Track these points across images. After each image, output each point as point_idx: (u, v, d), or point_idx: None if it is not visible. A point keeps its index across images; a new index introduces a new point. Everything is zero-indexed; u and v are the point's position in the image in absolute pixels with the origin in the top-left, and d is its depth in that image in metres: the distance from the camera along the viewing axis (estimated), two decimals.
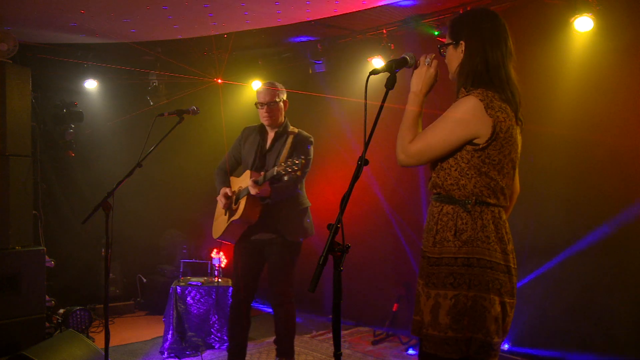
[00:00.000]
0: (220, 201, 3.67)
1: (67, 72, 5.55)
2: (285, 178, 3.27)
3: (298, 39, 5.49)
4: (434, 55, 2.12)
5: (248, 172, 3.58)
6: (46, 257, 4.58)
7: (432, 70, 2.09)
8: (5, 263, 4.27)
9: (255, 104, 3.63)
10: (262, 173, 3.45)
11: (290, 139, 3.55)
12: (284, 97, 3.66)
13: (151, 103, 5.89)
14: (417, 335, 2.04)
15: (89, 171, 5.83)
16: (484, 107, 1.91)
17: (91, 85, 5.77)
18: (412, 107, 2.08)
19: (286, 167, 3.18)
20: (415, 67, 2.11)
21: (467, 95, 1.96)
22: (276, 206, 3.51)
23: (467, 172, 1.95)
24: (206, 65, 5.83)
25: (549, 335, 4.03)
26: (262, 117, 3.61)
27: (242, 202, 3.50)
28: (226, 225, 3.59)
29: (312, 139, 3.64)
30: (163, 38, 5.18)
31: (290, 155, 3.47)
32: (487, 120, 1.91)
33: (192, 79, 5.63)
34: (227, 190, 3.66)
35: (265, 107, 3.55)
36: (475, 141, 1.93)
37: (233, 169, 3.84)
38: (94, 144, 5.92)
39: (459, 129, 1.93)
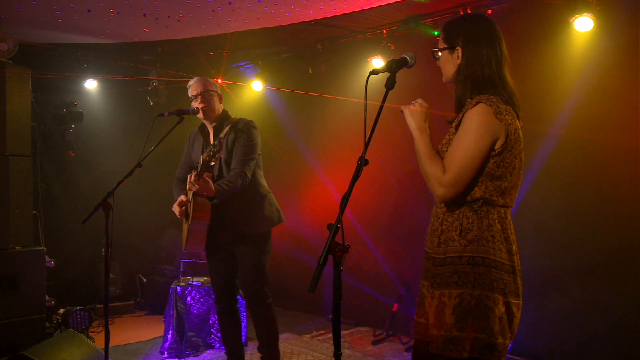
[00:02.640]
0: (175, 210, 3.46)
1: (67, 72, 5.56)
2: (212, 164, 3.18)
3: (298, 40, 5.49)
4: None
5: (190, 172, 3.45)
6: (46, 257, 4.58)
7: (424, 103, 2.09)
8: (5, 263, 4.28)
9: (189, 99, 3.51)
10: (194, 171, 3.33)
11: (227, 128, 3.43)
12: (218, 91, 3.56)
13: (151, 103, 5.90)
14: (422, 339, 2.03)
15: (89, 171, 5.82)
16: (494, 113, 1.91)
17: (91, 85, 5.77)
18: (422, 141, 2.04)
19: (209, 153, 3.07)
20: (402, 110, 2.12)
21: (475, 105, 1.95)
22: (229, 202, 3.36)
23: (478, 180, 1.94)
24: (206, 65, 5.83)
25: (549, 335, 4.03)
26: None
27: (191, 204, 3.36)
28: (187, 233, 3.42)
29: (253, 123, 3.50)
30: (163, 38, 5.18)
31: (231, 143, 3.33)
32: (500, 125, 1.91)
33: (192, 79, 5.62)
34: (182, 197, 3.47)
35: (200, 97, 3.44)
36: (494, 147, 1.93)
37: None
38: (94, 144, 5.92)
39: (483, 139, 1.91)
